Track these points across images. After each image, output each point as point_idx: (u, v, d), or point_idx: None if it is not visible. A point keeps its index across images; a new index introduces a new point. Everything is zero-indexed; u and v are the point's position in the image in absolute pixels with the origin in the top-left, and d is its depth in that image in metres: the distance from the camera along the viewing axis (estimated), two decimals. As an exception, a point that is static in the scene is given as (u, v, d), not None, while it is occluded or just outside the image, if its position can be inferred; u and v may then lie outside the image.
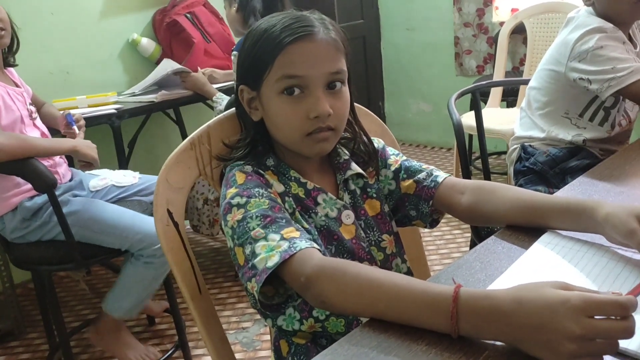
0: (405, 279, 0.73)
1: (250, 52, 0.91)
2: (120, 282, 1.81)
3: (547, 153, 1.58)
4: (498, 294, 0.65)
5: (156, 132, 2.97)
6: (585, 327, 0.58)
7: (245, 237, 0.83)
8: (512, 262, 0.82)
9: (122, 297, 1.82)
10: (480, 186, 0.98)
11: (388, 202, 1.04)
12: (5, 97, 1.70)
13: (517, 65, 3.50)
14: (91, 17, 2.73)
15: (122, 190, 1.92)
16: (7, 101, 1.70)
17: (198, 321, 0.97)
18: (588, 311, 0.59)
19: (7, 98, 1.71)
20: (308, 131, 0.89)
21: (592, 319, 0.59)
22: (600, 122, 1.57)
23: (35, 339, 2.25)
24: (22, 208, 1.70)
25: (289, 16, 0.90)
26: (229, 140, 1.01)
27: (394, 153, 1.07)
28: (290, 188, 0.94)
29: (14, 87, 1.79)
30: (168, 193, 0.97)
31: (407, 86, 4.16)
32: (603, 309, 0.59)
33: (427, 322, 0.67)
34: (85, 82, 2.68)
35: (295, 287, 0.80)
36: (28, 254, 1.75)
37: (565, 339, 0.58)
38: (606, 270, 0.77)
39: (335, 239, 0.94)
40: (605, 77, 1.43)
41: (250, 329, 2.17)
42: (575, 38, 1.48)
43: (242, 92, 0.95)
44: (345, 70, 0.92)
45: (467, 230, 2.82)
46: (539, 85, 1.63)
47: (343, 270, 0.76)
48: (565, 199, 0.91)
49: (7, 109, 1.69)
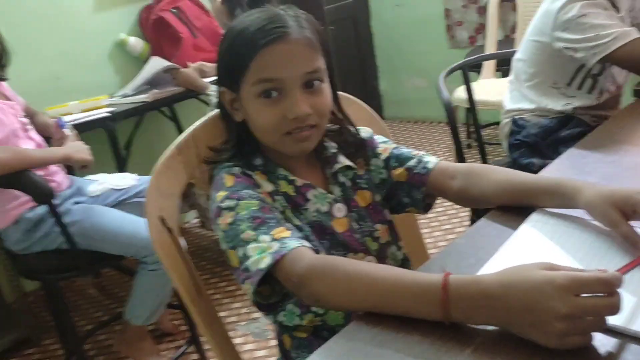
0: (396, 271, 0.74)
1: (227, 54, 0.91)
2: (134, 291, 1.84)
3: (538, 124, 1.57)
4: (486, 279, 0.66)
5: (153, 132, 2.97)
6: (572, 306, 0.59)
7: (237, 239, 0.83)
8: (503, 243, 0.83)
9: (138, 306, 1.85)
10: (470, 170, 0.98)
11: (380, 191, 1.04)
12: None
13: (509, 33, 3.46)
14: (77, 21, 2.71)
15: (122, 192, 1.93)
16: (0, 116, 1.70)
17: (200, 323, 0.99)
18: (574, 289, 0.60)
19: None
20: (287, 130, 0.89)
21: (578, 297, 0.60)
22: (589, 90, 1.56)
23: (51, 345, 2.29)
24: (24, 220, 1.72)
25: (262, 16, 0.88)
26: (215, 142, 1.01)
27: (383, 141, 1.06)
28: (280, 186, 0.94)
29: (4, 100, 1.79)
30: (159, 200, 0.98)
31: (400, 63, 4.13)
32: (589, 286, 0.60)
33: (420, 311, 0.68)
34: (76, 86, 2.67)
35: (289, 286, 0.81)
36: (34, 264, 1.77)
37: (554, 318, 0.59)
38: (593, 248, 0.77)
39: (328, 233, 0.95)
40: (590, 45, 1.42)
41: (260, 319, 2.20)
42: (558, 7, 1.47)
43: (224, 94, 0.95)
44: (322, 67, 0.91)
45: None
46: (525, 57, 1.62)
47: (334, 267, 0.77)
48: (550, 180, 0.91)
49: (0, 124, 1.69)
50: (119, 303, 2.51)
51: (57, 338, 2.24)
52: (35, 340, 2.30)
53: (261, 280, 0.81)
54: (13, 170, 1.59)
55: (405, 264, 1.05)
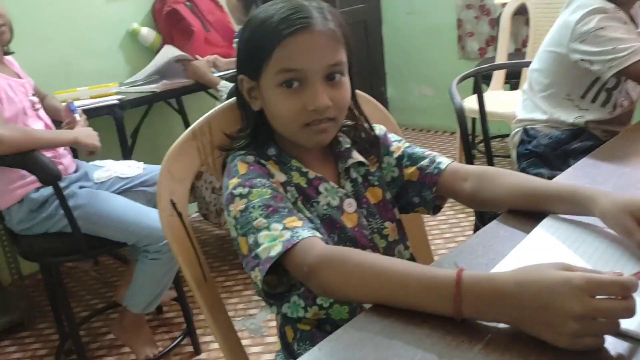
0: (408, 264, 0.74)
1: (249, 42, 0.91)
2: (135, 279, 1.84)
3: (549, 135, 1.57)
4: (500, 277, 0.66)
5: (159, 122, 2.97)
6: (587, 306, 0.59)
7: (248, 226, 0.83)
8: (515, 246, 0.83)
9: (137, 293, 1.85)
10: (482, 173, 0.97)
11: (391, 189, 1.04)
12: (7, 89, 1.71)
13: (520, 47, 3.47)
14: (90, 7, 2.72)
15: (127, 181, 1.93)
16: (9, 93, 1.70)
17: (204, 309, 0.98)
18: (590, 291, 0.60)
19: (8, 90, 1.71)
20: (306, 122, 0.89)
21: (593, 298, 0.60)
22: (602, 104, 1.56)
23: (45, 329, 2.28)
24: (29, 200, 1.72)
25: (287, 6, 0.88)
26: (230, 130, 1.01)
27: (396, 139, 1.06)
28: (292, 178, 0.94)
29: (15, 78, 1.79)
30: (171, 184, 0.98)
31: (409, 70, 4.14)
32: (604, 288, 0.60)
33: (431, 306, 0.68)
34: (86, 73, 2.67)
35: (298, 276, 0.81)
36: (35, 245, 1.77)
37: (568, 318, 0.59)
38: (607, 254, 0.77)
39: (338, 227, 0.95)
40: (607, 58, 1.42)
41: (257, 316, 2.19)
42: (577, 19, 1.47)
43: (242, 82, 0.95)
44: (344, 61, 0.91)
45: (471, 214, 2.82)
46: (540, 67, 1.62)
47: (345, 258, 0.76)
48: (564, 187, 0.90)
49: (9, 101, 1.69)
50: (114, 291, 2.50)
51: (51, 323, 2.24)
52: (29, 324, 2.29)
53: (270, 269, 0.80)
54: (21, 150, 1.59)
55: (412, 263, 1.04)
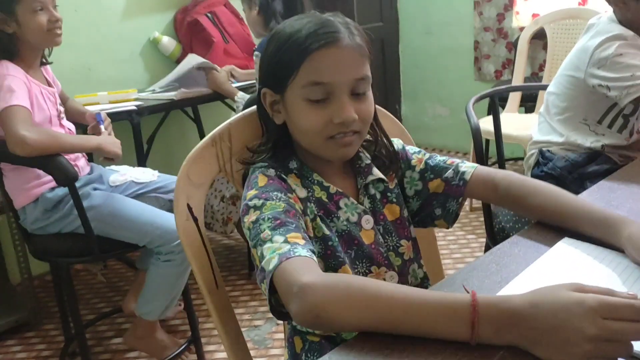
0: (414, 289, 0.71)
1: (275, 57, 0.91)
2: (147, 285, 1.83)
3: (565, 158, 1.57)
4: (514, 299, 0.65)
5: (174, 130, 3.00)
6: (600, 328, 0.59)
7: (257, 238, 0.83)
8: (528, 265, 0.83)
9: (151, 300, 1.84)
10: (510, 184, 0.97)
11: (414, 203, 1.04)
12: (39, 97, 1.73)
13: (536, 71, 3.48)
14: (114, 15, 2.77)
15: (142, 186, 1.94)
16: (39, 100, 1.73)
17: (214, 315, 0.98)
18: (603, 312, 0.60)
19: (40, 97, 1.74)
20: (331, 134, 0.89)
21: (607, 320, 0.60)
22: (619, 129, 1.56)
23: (51, 330, 2.28)
24: (44, 199, 1.73)
25: (314, 21, 0.89)
26: (251, 144, 1.01)
27: (415, 151, 1.06)
28: (314, 192, 0.94)
29: (47, 86, 1.82)
30: (188, 188, 0.99)
31: (424, 90, 4.16)
32: (618, 311, 0.60)
33: (444, 331, 0.66)
34: (106, 79, 2.72)
35: (285, 295, 0.74)
36: (47, 245, 1.78)
37: (581, 339, 0.59)
38: (621, 278, 0.77)
39: (356, 244, 0.95)
40: (625, 84, 1.42)
41: (262, 327, 2.19)
42: (596, 45, 1.48)
43: (265, 95, 0.95)
44: (369, 75, 0.92)
45: (482, 235, 2.81)
46: (557, 91, 1.63)
47: (347, 281, 0.72)
48: (594, 209, 0.90)
49: (39, 108, 1.72)
50: (122, 295, 2.51)
51: (57, 324, 2.25)
52: (35, 324, 2.30)
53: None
54: (46, 153, 1.61)
55: (424, 282, 1.04)
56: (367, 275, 0.96)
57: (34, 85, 1.73)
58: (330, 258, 0.92)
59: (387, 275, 0.97)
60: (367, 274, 0.96)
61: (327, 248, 0.92)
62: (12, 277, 2.53)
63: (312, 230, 0.92)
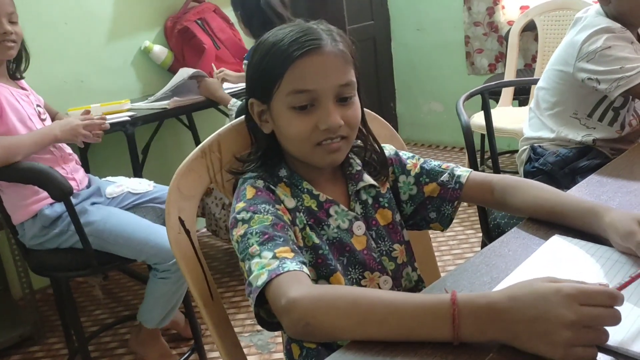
0: (396, 294, 0.73)
1: (259, 66, 0.92)
2: (146, 296, 1.87)
3: (556, 153, 1.57)
4: (492, 294, 0.67)
5: (169, 139, 3.00)
6: (578, 314, 0.61)
7: (245, 252, 0.83)
8: (518, 264, 0.83)
9: (150, 310, 1.88)
10: (506, 185, 1.00)
11: (408, 207, 1.05)
12: (9, 97, 1.73)
13: (530, 62, 3.48)
14: (104, 26, 2.77)
15: (138, 197, 1.95)
16: (10, 100, 1.72)
17: (210, 327, 0.99)
18: (580, 299, 0.62)
19: (11, 98, 1.73)
20: (318, 141, 0.90)
21: (583, 306, 0.62)
22: (610, 122, 1.56)
23: (55, 344, 2.29)
24: (42, 216, 1.74)
25: (296, 29, 0.90)
26: (240, 154, 1.02)
27: (409, 156, 1.07)
28: (303, 201, 0.95)
29: (19, 89, 1.82)
30: (179, 201, 0.99)
31: (418, 86, 4.16)
32: (594, 297, 0.62)
33: (427, 331, 0.67)
34: (99, 90, 2.72)
35: (276, 309, 0.76)
36: (46, 260, 1.78)
37: (561, 326, 0.61)
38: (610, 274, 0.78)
39: (347, 250, 0.95)
40: (614, 77, 1.43)
41: (265, 332, 2.19)
42: (583, 38, 1.48)
43: (252, 105, 0.96)
44: (354, 81, 0.92)
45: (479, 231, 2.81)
46: (547, 86, 1.63)
47: (333, 291, 0.75)
48: (580, 201, 0.93)
49: (11, 108, 1.71)
50: (124, 306, 2.52)
51: (61, 337, 2.25)
52: (39, 339, 2.30)
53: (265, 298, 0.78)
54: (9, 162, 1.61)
55: (419, 285, 1.04)
56: (361, 281, 0.96)
57: (2, 88, 1.72)
58: (322, 266, 0.92)
59: (381, 280, 0.98)
60: (360, 280, 0.96)
61: (317, 257, 0.92)
62: (14, 291, 2.54)
63: (301, 240, 0.92)
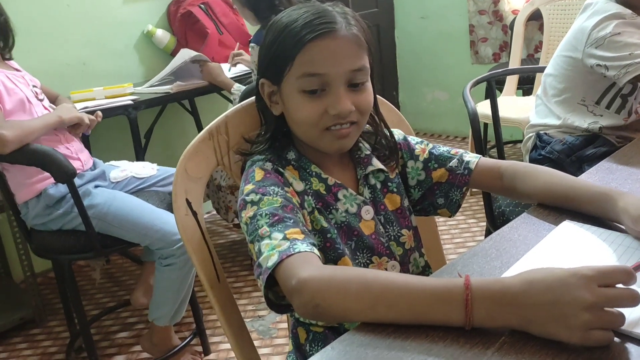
0: (411, 276, 0.71)
1: (271, 47, 0.90)
2: (155, 291, 1.84)
3: (563, 141, 1.56)
4: (507, 279, 0.66)
5: (171, 123, 2.99)
6: (597, 295, 0.61)
7: (255, 234, 0.82)
8: (528, 249, 0.83)
9: (160, 306, 1.84)
10: (515, 171, 0.99)
11: (415, 192, 1.04)
12: (6, 81, 1.72)
13: (533, 52, 3.46)
14: (106, 9, 2.75)
15: (142, 181, 1.94)
16: (7, 84, 1.72)
17: (217, 309, 0.99)
18: (598, 279, 0.61)
19: (7, 82, 1.72)
20: (327, 125, 0.89)
21: (601, 287, 0.61)
22: (617, 110, 1.55)
23: (56, 327, 2.29)
24: (46, 195, 1.73)
25: (311, 11, 0.88)
26: (249, 135, 1.01)
27: (418, 142, 1.06)
28: (311, 184, 0.94)
29: (13, 71, 1.81)
30: (187, 183, 0.98)
31: (421, 75, 4.14)
32: (611, 276, 0.62)
33: (439, 315, 0.66)
34: (101, 73, 2.70)
35: (286, 290, 0.75)
36: (48, 242, 1.78)
37: (579, 309, 0.60)
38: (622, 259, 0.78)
39: (355, 234, 0.95)
40: (623, 64, 1.41)
41: (266, 317, 2.20)
42: (593, 24, 1.46)
43: (263, 86, 0.95)
44: (367, 66, 0.91)
45: (482, 220, 2.82)
46: (555, 72, 1.62)
47: (344, 271, 0.74)
48: (592, 186, 0.92)
49: (9, 92, 1.71)
50: (126, 290, 2.52)
51: (62, 320, 2.26)
52: (40, 321, 2.31)
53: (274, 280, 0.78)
54: (23, 145, 1.62)
55: (426, 270, 1.04)
56: (369, 266, 0.96)
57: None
58: (330, 250, 0.92)
59: (389, 265, 0.97)
60: (368, 265, 0.96)
61: (326, 240, 0.92)
62: (16, 275, 2.54)
63: (310, 223, 0.92)
